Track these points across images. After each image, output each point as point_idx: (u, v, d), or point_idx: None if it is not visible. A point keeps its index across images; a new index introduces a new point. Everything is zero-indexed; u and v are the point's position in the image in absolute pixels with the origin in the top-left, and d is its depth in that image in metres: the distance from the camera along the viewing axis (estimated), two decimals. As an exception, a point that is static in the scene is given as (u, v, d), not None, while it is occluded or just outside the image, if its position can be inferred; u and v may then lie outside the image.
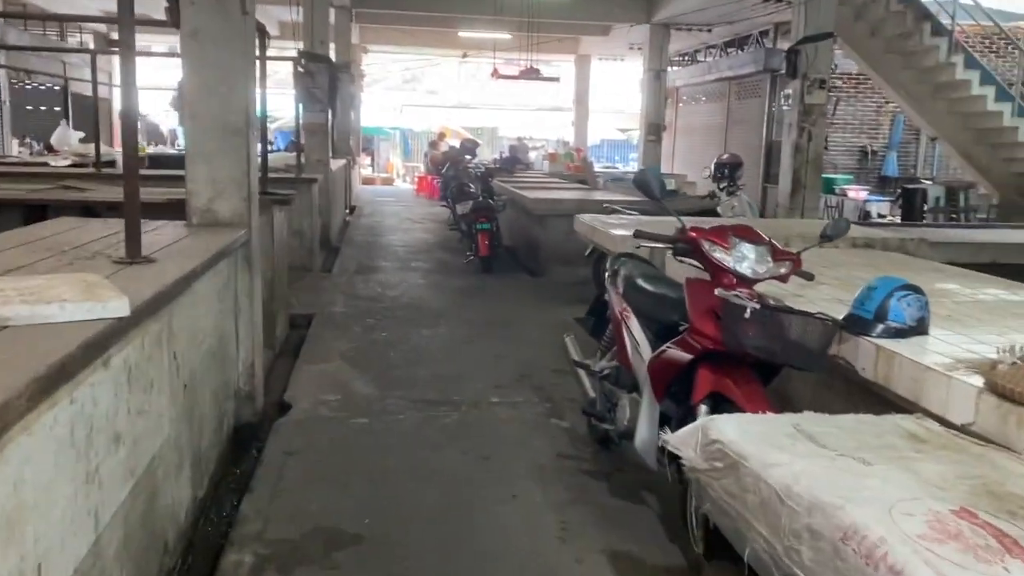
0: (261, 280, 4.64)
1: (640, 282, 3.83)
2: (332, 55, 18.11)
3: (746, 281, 3.17)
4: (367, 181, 26.74)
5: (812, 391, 3.67)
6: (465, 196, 11.36)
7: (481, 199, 10.42)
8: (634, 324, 3.74)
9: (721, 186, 8.21)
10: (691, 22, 18.58)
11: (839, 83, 17.49)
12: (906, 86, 13.54)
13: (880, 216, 15.12)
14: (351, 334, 6.51)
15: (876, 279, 3.22)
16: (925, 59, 12.88)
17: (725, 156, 8.51)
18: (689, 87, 22.57)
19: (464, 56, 26.82)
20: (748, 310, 2.93)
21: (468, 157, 13.12)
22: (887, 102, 17.50)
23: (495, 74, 18.64)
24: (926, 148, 17.68)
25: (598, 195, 10.77)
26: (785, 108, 12.21)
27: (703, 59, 22.88)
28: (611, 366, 4.07)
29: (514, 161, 19.64)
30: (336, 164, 14.24)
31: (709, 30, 18.91)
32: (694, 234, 3.27)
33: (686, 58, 23.70)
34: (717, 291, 3.11)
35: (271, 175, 9.52)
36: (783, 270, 3.24)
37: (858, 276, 4.08)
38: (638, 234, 3.59)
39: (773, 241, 3.29)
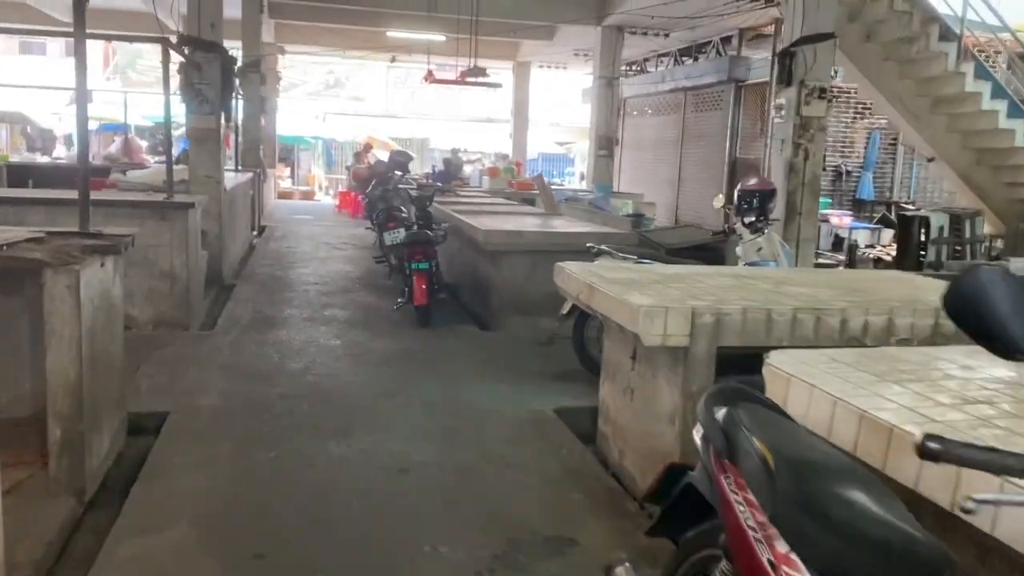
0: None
1: (846, 505, 1.63)
2: (240, 48, 15.57)
3: None
4: (284, 195, 24.13)
5: None
6: (395, 223, 9.10)
7: (416, 228, 8.19)
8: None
9: (746, 220, 6.14)
10: (648, 25, 16.70)
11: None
12: (902, 98, 11.85)
13: (868, 247, 13.41)
14: (218, 458, 4.16)
15: None
16: (929, 67, 11.21)
17: (752, 182, 6.47)
18: (638, 98, 20.74)
19: (393, 60, 24.50)
20: None
21: (398, 173, 10.85)
22: (861, 117, 15.92)
23: (429, 78, 16.40)
24: (903, 169, 16.16)
25: (564, 225, 8.64)
26: (777, 121, 10.32)
27: (653, 68, 21.10)
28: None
29: (449, 176, 17.43)
30: (238, 179, 11.79)
31: (667, 34, 17.08)
32: None
33: (634, 67, 21.89)
34: None
35: (132, 197, 7.21)
36: None
37: None
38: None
39: None
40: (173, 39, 8.75)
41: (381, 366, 6.14)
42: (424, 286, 7.33)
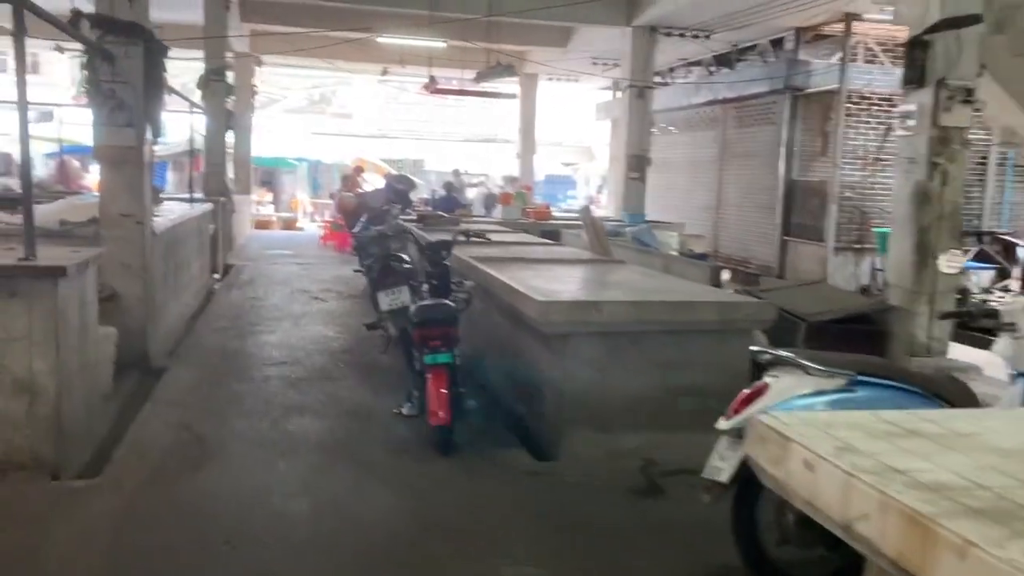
0: None
1: None
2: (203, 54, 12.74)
3: None
4: (261, 224, 21.38)
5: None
6: (395, 278, 6.39)
7: (427, 291, 5.50)
8: None
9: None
10: (686, 25, 14.15)
11: (887, 106, 13.27)
12: (1037, 105, 9.29)
13: (986, 291, 10.77)
14: None
15: None
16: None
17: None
18: (666, 113, 18.13)
19: (384, 72, 21.89)
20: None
21: (394, 207, 8.17)
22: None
23: (430, 86, 13.77)
24: (993, 192, 13.59)
25: (640, 281, 5.93)
26: (901, 133, 7.79)
27: (682, 79, 18.56)
28: None
29: (453, 203, 14.75)
30: (189, 212, 9.11)
31: (707, 35, 14.51)
32: None
33: (657, 78, 19.33)
34: None
35: None
36: None
37: None
38: None
39: None
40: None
41: (379, 569, 3.41)
42: (445, 390, 4.62)
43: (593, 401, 4.83)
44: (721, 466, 3.23)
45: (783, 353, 3.32)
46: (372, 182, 18.32)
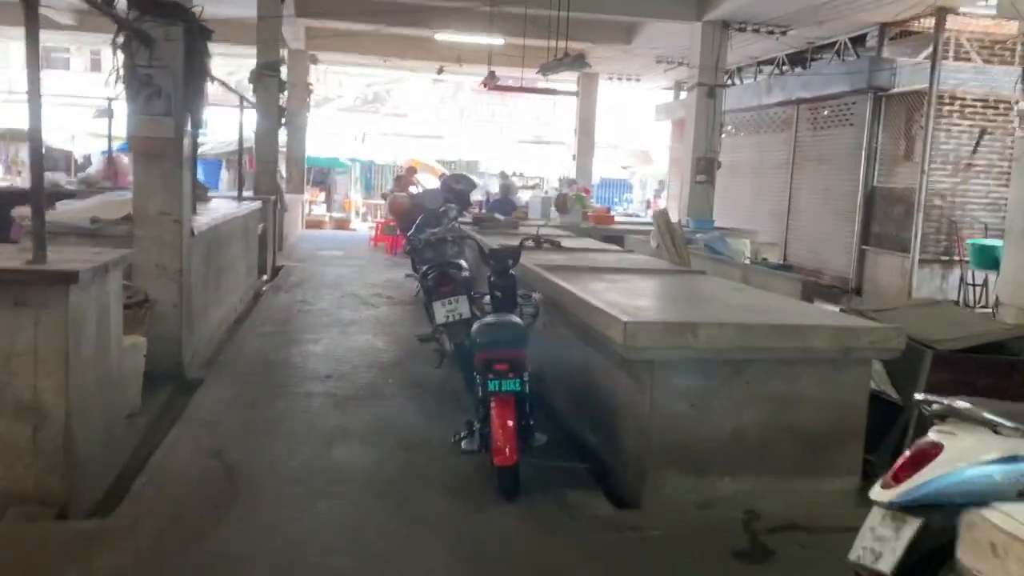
0: None
1: None
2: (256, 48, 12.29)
3: None
4: (313, 224, 21.02)
5: None
6: (451, 286, 5.78)
7: (487, 303, 4.85)
8: None
9: None
10: (761, 20, 13.30)
11: (981, 108, 12.27)
12: None
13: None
14: None
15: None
16: None
17: None
18: (734, 114, 17.23)
19: (440, 72, 21.38)
20: None
21: (453, 208, 7.54)
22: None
23: (488, 82, 13.11)
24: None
25: (732, 296, 5.18)
26: (1021, 134, 6.89)
27: (751, 79, 17.66)
28: None
29: (509, 206, 14.09)
30: (236, 211, 8.62)
31: (784, 31, 13.63)
32: None
33: (727, 77, 18.45)
34: None
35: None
36: None
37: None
38: None
39: None
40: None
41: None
42: (511, 423, 3.94)
43: (684, 439, 4.13)
44: (879, 549, 2.49)
45: (960, 404, 2.57)
46: (425, 183, 17.80)
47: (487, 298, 4.97)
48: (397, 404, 5.60)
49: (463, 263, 6.06)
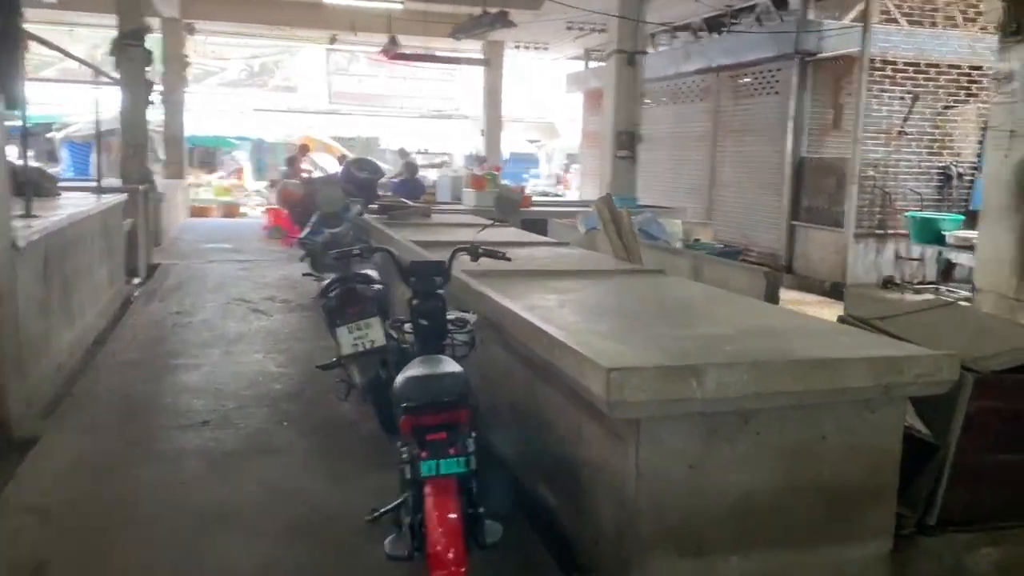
0: None
1: None
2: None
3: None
4: (199, 212, 19.16)
5: None
6: (357, 306, 4.57)
7: (409, 333, 3.65)
8: None
9: None
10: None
11: (912, 72, 11.71)
12: None
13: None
14: None
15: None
16: None
17: None
18: (650, 83, 16.33)
19: (333, 41, 19.74)
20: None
21: (354, 203, 6.28)
22: (974, 99, 11.83)
23: (390, 51, 11.76)
24: None
25: (714, 304, 4.14)
26: (998, 102, 6.17)
27: (665, 45, 16.81)
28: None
29: (416, 188, 12.83)
30: (79, 212, 7.11)
31: (706, -7, 12.77)
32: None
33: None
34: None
35: None
36: None
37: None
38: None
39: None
40: None
41: None
42: (455, 516, 2.80)
43: (680, 511, 3.08)
44: None
45: None
46: (323, 164, 16.32)
47: (408, 326, 3.77)
48: (295, 461, 4.36)
49: (373, 273, 4.85)
